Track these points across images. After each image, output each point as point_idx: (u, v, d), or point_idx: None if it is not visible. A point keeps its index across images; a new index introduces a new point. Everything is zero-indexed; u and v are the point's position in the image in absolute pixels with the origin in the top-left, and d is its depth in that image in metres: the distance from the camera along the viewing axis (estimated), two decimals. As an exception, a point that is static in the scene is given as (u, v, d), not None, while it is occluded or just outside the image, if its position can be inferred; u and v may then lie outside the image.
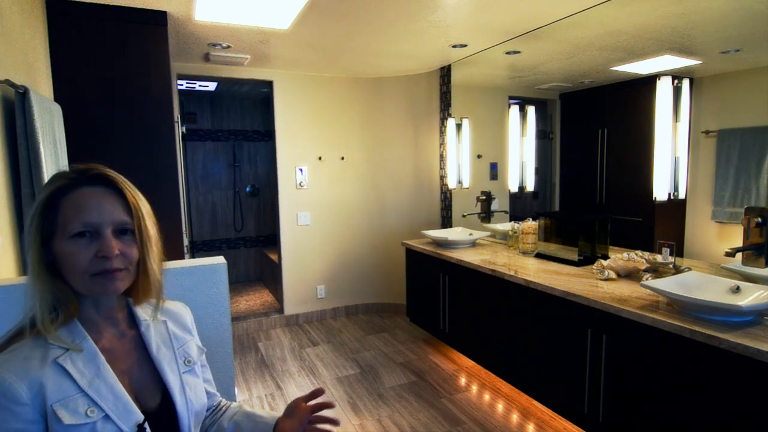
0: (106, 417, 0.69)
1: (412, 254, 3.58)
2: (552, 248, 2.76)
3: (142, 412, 0.74)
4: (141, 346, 0.82)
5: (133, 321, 0.83)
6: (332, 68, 3.86)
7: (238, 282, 5.57)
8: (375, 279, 4.45)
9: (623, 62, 2.60)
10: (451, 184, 3.89)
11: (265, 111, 5.50)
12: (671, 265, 2.18)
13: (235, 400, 1.78)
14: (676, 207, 2.34)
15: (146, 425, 0.72)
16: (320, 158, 4.14)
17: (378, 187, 4.36)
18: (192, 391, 0.84)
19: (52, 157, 1.67)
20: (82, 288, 0.72)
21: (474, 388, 2.91)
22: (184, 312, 0.95)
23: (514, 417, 2.55)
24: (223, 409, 0.99)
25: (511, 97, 3.48)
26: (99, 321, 0.76)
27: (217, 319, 1.69)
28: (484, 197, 3.63)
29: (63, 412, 0.66)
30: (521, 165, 3.30)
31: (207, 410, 0.96)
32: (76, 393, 0.68)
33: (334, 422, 0.91)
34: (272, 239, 5.71)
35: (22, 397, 0.64)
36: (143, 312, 0.85)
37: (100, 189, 0.74)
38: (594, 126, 2.83)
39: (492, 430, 2.43)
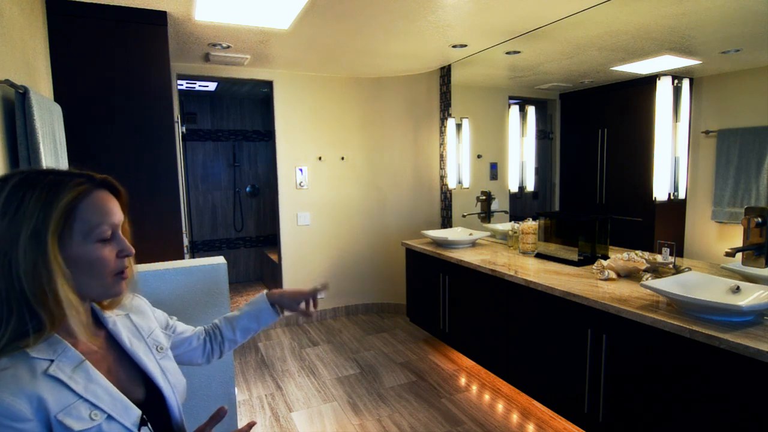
0: (109, 417, 0.70)
1: (412, 254, 3.58)
2: (552, 248, 2.76)
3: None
4: (113, 343, 0.83)
5: (99, 322, 0.84)
6: (332, 68, 3.86)
7: (238, 282, 5.57)
8: (375, 279, 4.45)
9: (623, 62, 2.60)
10: (451, 184, 3.89)
11: (265, 111, 5.50)
12: (671, 265, 2.18)
13: (234, 401, 1.78)
14: (676, 207, 2.34)
15: (145, 418, 0.74)
16: (320, 158, 4.14)
17: (378, 187, 4.36)
18: (172, 375, 0.87)
19: (52, 157, 1.67)
20: (100, 290, 0.75)
21: (474, 388, 2.91)
22: (140, 302, 0.96)
23: (514, 417, 2.55)
24: (217, 331, 1.14)
25: (511, 97, 3.48)
26: (72, 329, 0.74)
27: (217, 319, 1.68)
28: (484, 197, 3.63)
29: (70, 421, 0.65)
30: (521, 165, 3.30)
31: (202, 338, 1.11)
32: (75, 400, 0.68)
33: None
34: (272, 239, 5.71)
35: (25, 414, 0.62)
36: (106, 311, 0.86)
37: (106, 192, 0.76)
38: (594, 126, 2.83)
39: (492, 430, 2.43)
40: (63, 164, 1.80)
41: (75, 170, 0.75)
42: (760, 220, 1.73)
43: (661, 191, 2.25)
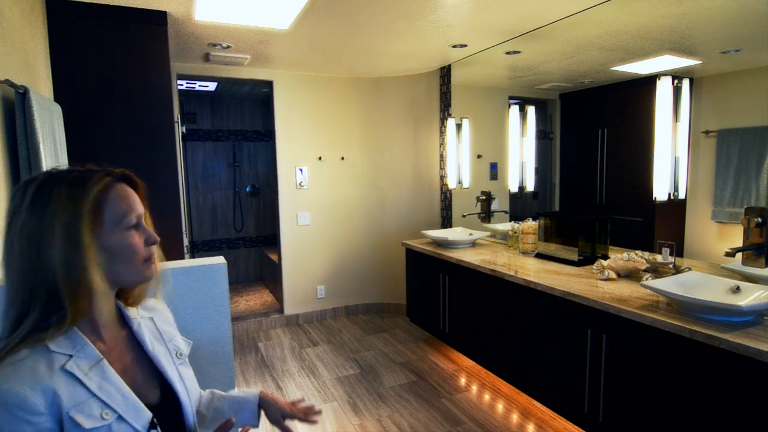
0: (120, 418, 0.70)
1: (412, 254, 3.58)
2: (552, 248, 2.76)
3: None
4: (135, 344, 0.83)
5: (123, 321, 0.84)
6: (332, 68, 3.86)
7: (238, 282, 5.57)
8: (375, 279, 4.45)
9: (623, 62, 2.60)
10: (451, 184, 3.89)
11: (265, 111, 5.50)
12: (671, 265, 2.18)
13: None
14: (676, 207, 2.34)
15: (156, 421, 0.74)
16: (320, 158, 4.14)
17: (378, 187, 4.36)
18: (189, 381, 0.87)
19: (52, 157, 1.67)
20: (135, 275, 0.77)
21: (474, 388, 2.91)
22: (165, 309, 0.98)
23: (514, 417, 2.55)
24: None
25: (511, 97, 3.48)
26: (95, 325, 0.77)
27: (217, 319, 1.69)
28: (484, 197, 3.63)
29: (81, 418, 0.66)
30: (521, 165, 3.30)
31: None
32: (89, 398, 0.68)
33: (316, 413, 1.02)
34: (272, 239, 5.71)
35: (39, 407, 0.63)
36: (132, 311, 0.86)
37: (126, 185, 0.79)
38: (594, 126, 2.83)
39: (492, 430, 2.43)
40: (63, 164, 1.80)
41: (95, 166, 0.78)
42: (760, 220, 1.73)
43: (661, 191, 2.25)
